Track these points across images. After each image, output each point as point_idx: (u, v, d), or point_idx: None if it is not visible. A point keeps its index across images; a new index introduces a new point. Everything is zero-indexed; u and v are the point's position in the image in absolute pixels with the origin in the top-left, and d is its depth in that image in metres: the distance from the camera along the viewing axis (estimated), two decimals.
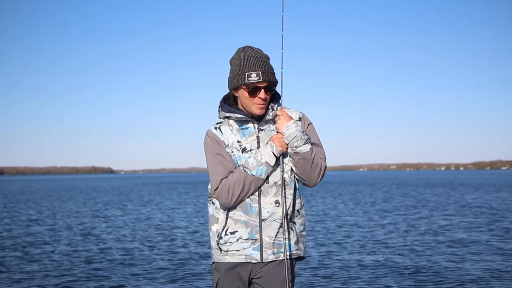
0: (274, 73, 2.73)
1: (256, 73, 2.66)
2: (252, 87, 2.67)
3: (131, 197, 31.43)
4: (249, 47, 2.76)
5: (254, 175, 2.68)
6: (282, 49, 2.74)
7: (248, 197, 2.73)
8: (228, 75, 2.79)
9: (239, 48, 2.78)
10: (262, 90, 2.69)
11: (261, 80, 2.66)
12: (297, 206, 2.84)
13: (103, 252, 9.88)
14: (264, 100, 2.70)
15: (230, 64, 2.78)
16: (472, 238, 11.11)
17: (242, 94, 2.72)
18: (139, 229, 13.86)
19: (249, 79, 2.67)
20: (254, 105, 2.70)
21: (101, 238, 11.97)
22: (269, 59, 2.76)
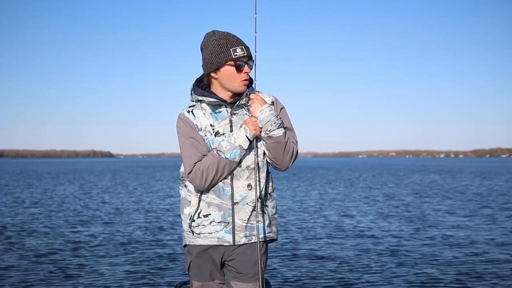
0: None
1: (240, 48, 2.68)
2: (241, 63, 2.68)
3: (123, 180, 31.52)
4: (220, 31, 2.76)
5: (227, 158, 2.68)
6: (256, 32, 2.73)
7: (221, 180, 2.74)
8: (204, 59, 2.75)
9: (208, 33, 2.77)
10: (246, 65, 2.70)
11: (245, 54, 2.68)
12: (269, 190, 2.86)
13: (87, 233, 9.92)
14: (248, 75, 2.72)
15: (204, 48, 2.75)
16: (457, 223, 11.16)
17: (227, 72, 2.71)
18: (123, 211, 13.91)
19: (235, 54, 2.67)
20: (241, 81, 2.71)
21: (86, 221, 12.01)
22: None
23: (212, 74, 2.76)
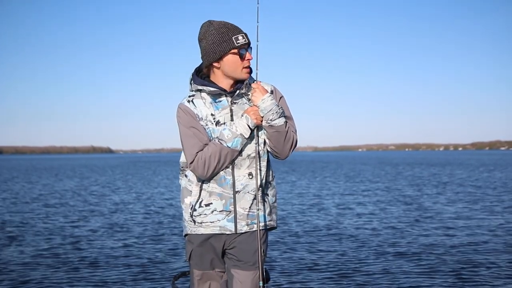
0: None
1: (241, 36, 2.71)
2: (242, 50, 2.71)
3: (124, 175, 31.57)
4: (216, 20, 2.76)
5: (229, 147, 2.70)
6: (258, 22, 2.75)
7: (223, 169, 2.76)
8: (204, 50, 2.74)
9: (204, 23, 2.76)
10: (247, 52, 2.73)
11: (246, 41, 2.71)
12: (270, 178, 2.89)
13: (81, 226, 9.96)
14: (249, 62, 2.75)
15: (204, 38, 2.74)
16: (453, 214, 11.20)
17: (230, 61, 2.72)
18: (123, 204, 13.97)
19: (238, 42, 2.69)
20: (244, 69, 2.73)
21: (84, 215, 12.05)
22: None
23: (215, 64, 2.75)
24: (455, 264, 6.63)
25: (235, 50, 2.69)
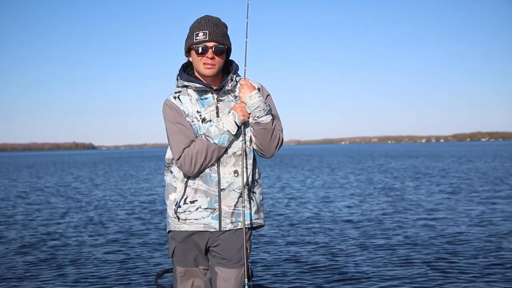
0: (225, 36, 2.74)
1: (203, 32, 2.69)
2: (200, 47, 2.69)
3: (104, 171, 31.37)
4: (206, 15, 2.77)
5: (216, 144, 2.69)
6: (248, 18, 2.75)
7: (209, 166, 2.74)
8: None
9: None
10: (210, 50, 2.69)
11: (207, 38, 2.68)
12: (256, 176, 2.88)
13: (62, 223, 9.91)
14: (211, 59, 2.70)
15: None
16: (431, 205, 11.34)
17: (193, 56, 2.74)
18: (105, 199, 13.91)
19: (196, 38, 2.69)
20: (203, 65, 2.71)
21: (64, 211, 11.98)
22: (226, 27, 2.76)
23: (188, 58, 2.81)
24: (435, 255, 6.70)
25: (194, 46, 2.71)
